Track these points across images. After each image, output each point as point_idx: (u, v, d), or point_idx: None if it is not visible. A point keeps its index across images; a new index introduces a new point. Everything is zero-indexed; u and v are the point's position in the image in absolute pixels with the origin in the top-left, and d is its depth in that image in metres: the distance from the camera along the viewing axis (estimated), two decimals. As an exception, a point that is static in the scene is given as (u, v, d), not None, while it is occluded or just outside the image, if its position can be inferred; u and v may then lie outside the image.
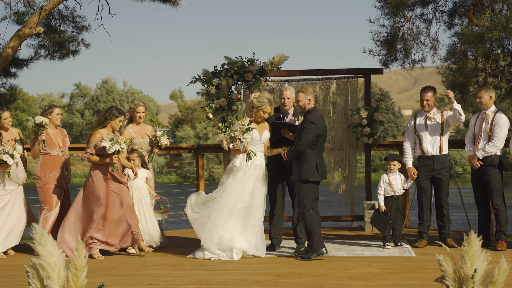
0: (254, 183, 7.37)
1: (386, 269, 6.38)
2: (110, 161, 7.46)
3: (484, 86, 8.02)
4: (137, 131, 8.09)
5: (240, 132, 7.22)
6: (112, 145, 7.32)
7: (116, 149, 7.34)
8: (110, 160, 7.45)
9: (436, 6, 10.84)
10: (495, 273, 4.13)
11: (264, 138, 7.51)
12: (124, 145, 7.41)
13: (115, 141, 7.34)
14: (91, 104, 75.28)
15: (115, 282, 5.92)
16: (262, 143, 7.51)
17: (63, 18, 11.86)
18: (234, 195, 7.29)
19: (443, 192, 7.86)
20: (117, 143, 7.34)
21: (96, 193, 7.44)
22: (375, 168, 51.24)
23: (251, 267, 6.64)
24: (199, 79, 9.72)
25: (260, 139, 7.47)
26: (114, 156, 7.43)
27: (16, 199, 7.84)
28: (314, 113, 7.16)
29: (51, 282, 4.10)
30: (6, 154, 7.50)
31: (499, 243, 7.59)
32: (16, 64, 12.18)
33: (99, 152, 7.42)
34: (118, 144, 7.34)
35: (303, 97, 7.21)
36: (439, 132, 7.84)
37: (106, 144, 7.30)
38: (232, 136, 7.28)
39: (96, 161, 7.47)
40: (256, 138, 7.43)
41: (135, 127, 8.12)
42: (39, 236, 4.16)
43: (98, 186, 7.46)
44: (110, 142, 7.33)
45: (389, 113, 67.18)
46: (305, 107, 7.22)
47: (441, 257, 4.27)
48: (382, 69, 10.12)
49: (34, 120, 7.59)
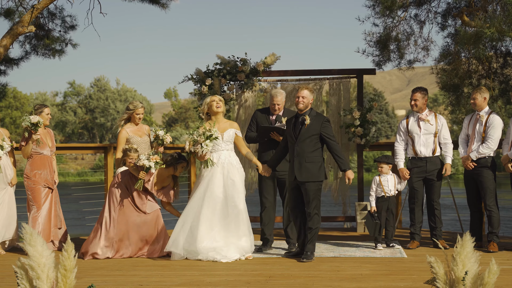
0: (224, 180, 7.25)
1: (377, 271, 6.37)
2: (137, 176, 7.48)
3: (478, 87, 8.01)
4: (134, 130, 8.06)
5: (203, 138, 7.20)
6: (142, 160, 7.35)
7: (145, 165, 7.34)
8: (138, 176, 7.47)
9: (429, 7, 10.85)
10: (485, 275, 4.13)
11: (227, 137, 7.40)
12: (153, 164, 7.35)
13: (147, 157, 7.36)
14: (84, 103, 75.16)
15: (105, 283, 5.88)
16: (227, 141, 7.40)
17: (52, 16, 11.80)
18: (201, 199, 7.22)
19: (435, 193, 7.86)
20: (148, 160, 7.34)
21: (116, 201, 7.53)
22: (368, 168, 51.33)
23: (242, 268, 6.61)
24: (192, 79, 9.70)
25: (223, 138, 7.38)
26: (142, 172, 7.42)
27: (5, 199, 7.79)
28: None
29: (40, 282, 4.08)
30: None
31: (490, 244, 7.59)
32: (6, 62, 12.10)
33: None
34: (148, 161, 7.33)
35: (308, 95, 7.15)
36: (432, 133, 7.83)
37: (141, 156, 7.40)
38: (195, 140, 7.26)
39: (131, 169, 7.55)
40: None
41: (133, 127, 8.08)
42: (29, 237, 4.13)
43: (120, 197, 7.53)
44: (144, 156, 7.38)
45: (383, 113, 67.34)
46: (308, 106, 7.18)
47: (432, 259, 4.26)
48: (375, 70, 10.12)
49: (30, 119, 7.55)
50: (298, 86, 7.42)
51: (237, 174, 7.32)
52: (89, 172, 55.78)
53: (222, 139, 7.37)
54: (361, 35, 10.73)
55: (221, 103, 7.45)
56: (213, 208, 7.17)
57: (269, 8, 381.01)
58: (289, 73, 9.97)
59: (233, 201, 7.18)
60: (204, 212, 7.15)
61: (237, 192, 7.23)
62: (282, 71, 9.99)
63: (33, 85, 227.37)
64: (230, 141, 7.44)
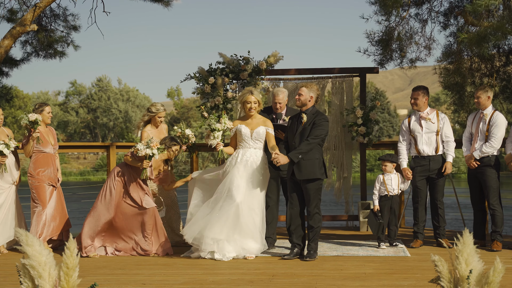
0: (242, 180, 7.18)
1: (381, 269, 6.35)
2: (140, 166, 7.46)
3: (482, 86, 7.98)
4: (155, 133, 8.07)
5: (210, 128, 7.25)
6: (144, 149, 7.31)
7: (148, 153, 7.31)
8: (141, 165, 7.45)
9: (431, 6, 10.82)
10: (490, 274, 4.11)
11: (257, 134, 7.33)
12: (156, 151, 7.35)
13: (149, 146, 7.33)
14: (86, 102, 75.17)
15: (108, 282, 5.88)
16: (256, 139, 7.35)
17: (55, 16, 11.79)
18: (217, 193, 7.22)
19: (439, 192, 7.84)
20: (150, 148, 7.31)
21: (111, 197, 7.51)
22: (370, 168, 51.29)
23: (245, 267, 6.60)
24: (195, 77, 9.69)
25: (251, 135, 7.35)
26: (146, 161, 7.40)
27: (9, 198, 7.81)
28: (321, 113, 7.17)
29: (42, 281, 4.06)
30: (2, 144, 7.48)
31: (494, 243, 7.57)
32: (9, 63, 12.10)
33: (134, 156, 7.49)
34: (150, 149, 7.31)
35: (306, 92, 7.12)
36: (434, 132, 7.81)
37: (139, 146, 7.32)
38: (212, 128, 7.32)
39: (130, 163, 7.52)
40: (246, 134, 7.35)
41: (154, 129, 8.09)
42: (25, 238, 4.12)
43: (117, 192, 7.51)
44: (143, 146, 7.33)
45: (385, 113, 67.27)
46: (305, 103, 7.12)
47: (437, 257, 4.24)
48: (377, 69, 10.10)
49: (28, 117, 7.55)
50: (301, 84, 7.37)
51: (258, 176, 7.24)
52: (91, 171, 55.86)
53: (250, 137, 7.33)
54: (363, 34, 10.68)
55: (255, 106, 7.36)
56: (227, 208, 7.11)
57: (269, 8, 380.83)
58: (292, 72, 9.95)
59: (247, 202, 7.14)
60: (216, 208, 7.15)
61: (251, 196, 7.18)
62: (285, 70, 9.97)
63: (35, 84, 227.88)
64: (259, 139, 7.35)
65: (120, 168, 7.60)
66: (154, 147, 7.32)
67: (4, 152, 7.50)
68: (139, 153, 7.32)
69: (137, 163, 7.48)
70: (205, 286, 5.66)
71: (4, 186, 7.78)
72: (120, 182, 7.53)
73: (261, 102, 7.42)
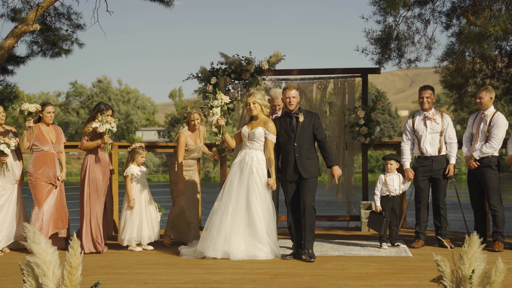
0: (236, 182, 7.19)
1: (383, 269, 6.36)
2: (102, 141, 7.70)
3: (484, 86, 7.98)
4: (191, 136, 8.08)
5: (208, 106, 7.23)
6: (103, 125, 7.56)
7: (107, 128, 7.57)
8: (102, 140, 7.68)
9: (433, 7, 10.83)
10: (492, 273, 4.12)
11: (253, 135, 7.24)
12: (114, 124, 7.64)
13: (105, 121, 7.58)
14: (86, 103, 75.22)
15: (110, 281, 5.88)
16: (252, 140, 7.26)
17: (59, 15, 11.82)
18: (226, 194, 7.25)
19: (441, 192, 7.84)
20: (107, 123, 7.58)
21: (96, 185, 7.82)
22: (371, 169, 51.29)
23: (248, 266, 6.60)
24: (197, 77, 9.70)
25: (248, 136, 7.29)
26: (106, 135, 7.63)
27: (12, 198, 7.81)
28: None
29: (46, 279, 4.07)
30: (3, 143, 7.48)
31: (496, 244, 7.57)
32: (13, 61, 12.12)
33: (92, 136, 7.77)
34: (108, 123, 7.58)
35: (297, 94, 7.22)
36: (438, 132, 7.82)
37: (96, 124, 7.59)
38: (210, 106, 7.22)
39: (91, 145, 7.73)
40: (244, 134, 7.32)
41: (191, 134, 8.10)
42: (32, 235, 4.13)
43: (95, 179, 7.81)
44: (100, 123, 7.59)
45: (386, 114, 67.30)
46: (298, 104, 7.23)
47: (439, 257, 4.25)
48: (379, 69, 10.09)
49: (20, 107, 7.50)
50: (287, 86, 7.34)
51: (256, 178, 7.18)
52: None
53: (247, 137, 7.29)
54: (362, 33, 10.67)
55: (254, 106, 7.28)
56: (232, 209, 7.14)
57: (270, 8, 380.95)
58: (294, 72, 9.97)
59: (241, 206, 7.14)
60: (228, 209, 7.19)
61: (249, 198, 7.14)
62: (287, 70, 9.98)
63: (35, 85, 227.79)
64: (255, 139, 7.25)
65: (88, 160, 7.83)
66: (110, 122, 7.60)
67: (5, 151, 7.49)
68: (98, 130, 7.56)
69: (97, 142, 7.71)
70: (208, 285, 5.67)
71: (6, 187, 7.78)
72: (98, 168, 7.83)
73: (261, 103, 7.33)
